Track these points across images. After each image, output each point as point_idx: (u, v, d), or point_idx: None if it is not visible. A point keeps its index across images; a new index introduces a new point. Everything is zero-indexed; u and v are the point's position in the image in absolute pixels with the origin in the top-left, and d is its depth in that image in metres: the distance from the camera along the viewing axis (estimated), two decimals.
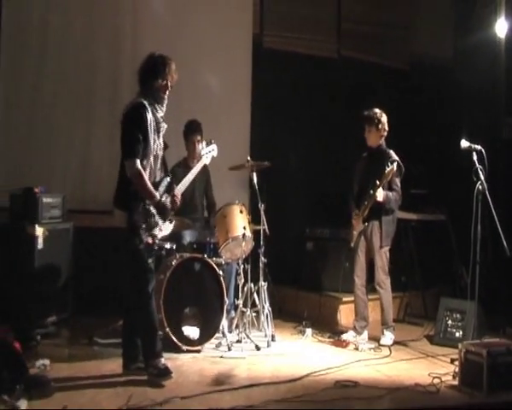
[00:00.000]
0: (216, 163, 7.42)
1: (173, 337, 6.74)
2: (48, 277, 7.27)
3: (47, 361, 6.10)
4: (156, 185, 6.00)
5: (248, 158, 7.63)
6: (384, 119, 7.65)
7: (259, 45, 9.97)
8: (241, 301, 7.39)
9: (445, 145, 9.49)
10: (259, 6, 9.98)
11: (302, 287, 9.18)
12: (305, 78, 10.12)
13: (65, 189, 8.23)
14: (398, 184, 7.57)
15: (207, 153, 7.05)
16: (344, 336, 7.65)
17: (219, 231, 7.46)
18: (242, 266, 7.42)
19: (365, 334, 7.70)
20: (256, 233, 7.67)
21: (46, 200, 7.40)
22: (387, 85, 10.65)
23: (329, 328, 8.29)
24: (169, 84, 5.99)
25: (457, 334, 7.59)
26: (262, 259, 7.62)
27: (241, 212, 7.46)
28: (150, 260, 5.96)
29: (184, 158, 8.19)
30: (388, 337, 7.57)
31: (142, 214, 5.85)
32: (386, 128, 7.67)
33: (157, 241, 6.04)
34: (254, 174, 7.61)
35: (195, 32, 9.23)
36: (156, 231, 5.94)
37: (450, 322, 7.71)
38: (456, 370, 6.20)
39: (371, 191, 7.36)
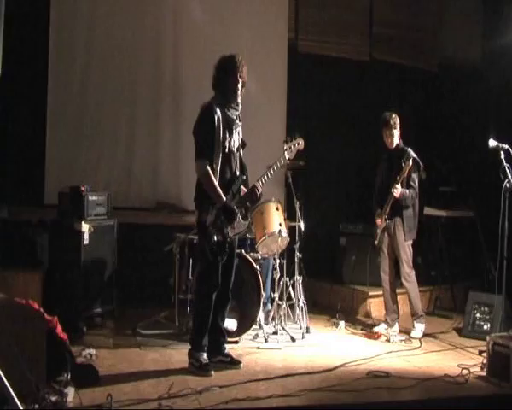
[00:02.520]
0: (253, 163, 7.38)
1: None
2: (93, 271, 7.30)
3: (93, 351, 6.14)
4: (231, 183, 5.92)
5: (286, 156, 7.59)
6: (398, 120, 7.62)
7: (294, 50, 9.91)
8: (277, 295, 7.35)
9: (473, 144, 9.36)
10: (294, 12, 9.94)
11: (336, 281, 9.12)
12: (337, 80, 10.06)
13: (109, 187, 8.28)
14: (416, 181, 7.53)
15: (290, 147, 6.42)
16: (376, 329, 7.61)
17: (256, 228, 7.42)
18: (278, 261, 7.38)
19: (396, 326, 7.63)
20: (291, 229, 7.63)
21: (92, 198, 7.43)
22: (417, 87, 10.56)
23: (362, 321, 8.25)
24: (240, 83, 5.90)
25: (485, 327, 7.48)
26: (297, 254, 7.61)
27: (277, 209, 7.42)
28: (221, 257, 5.85)
29: None
30: (419, 330, 7.49)
31: (212, 214, 5.78)
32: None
33: (228, 239, 5.87)
34: (290, 173, 7.58)
35: (232, 39, 9.17)
36: (226, 230, 5.82)
37: (478, 315, 7.60)
38: (484, 361, 6.13)
39: (392, 190, 7.33)
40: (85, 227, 7.20)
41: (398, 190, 7.33)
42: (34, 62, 8.46)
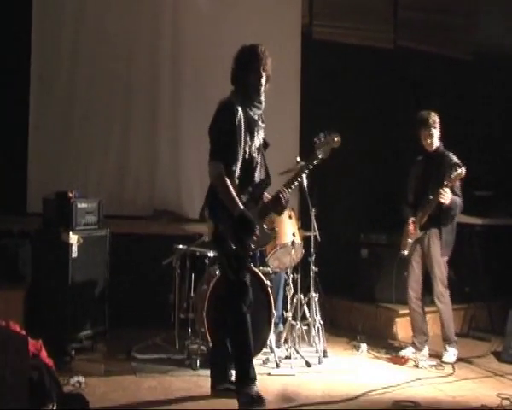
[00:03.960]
0: None
1: None
2: (82, 287, 7.30)
3: (82, 378, 6.14)
4: (251, 189, 5.83)
5: (298, 159, 7.55)
6: (437, 119, 7.58)
7: (309, 37, 9.94)
8: (290, 314, 7.35)
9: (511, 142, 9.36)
10: None
11: (356, 298, 9.12)
12: (358, 71, 10.07)
13: (101, 193, 8.28)
14: (459, 189, 7.50)
15: (323, 146, 6.07)
16: (402, 352, 7.59)
17: None
18: (291, 276, 7.39)
19: (426, 350, 7.62)
20: (306, 240, 7.63)
21: (81, 205, 7.42)
22: (448, 78, 10.55)
23: (386, 343, 8.24)
24: (263, 79, 5.80)
25: None
26: (313, 268, 7.61)
27: (290, 217, 7.42)
28: (243, 273, 5.75)
29: None
30: (451, 354, 7.47)
31: (230, 225, 5.60)
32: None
33: (251, 251, 5.83)
34: (304, 176, 7.54)
35: (239, 25, 9.25)
36: (248, 243, 5.67)
37: None
38: None
39: (431, 197, 7.30)
40: (73, 238, 7.20)
41: (448, 196, 7.25)
42: (14, 56, 8.51)
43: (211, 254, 7.27)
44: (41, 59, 8.63)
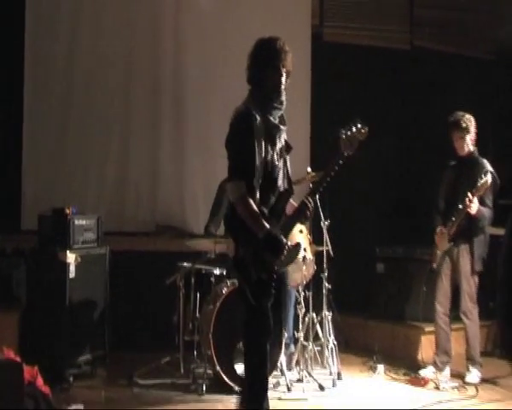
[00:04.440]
0: None
1: (225, 377, 6.72)
2: (81, 309, 7.32)
3: (81, 406, 6.14)
4: (276, 201, 5.57)
5: (309, 169, 7.59)
6: (473, 122, 7.56)
7: (319, 38, 9.96)
8: (301, 334, 7.37)
9: None
10: None
11: (372, 316, 9.11)
12: (372, 74, 10.08)
13: (99, 208, 8.34)
14: (491, 200, 7.49)
15: (349, 141, 5.69)
16: (422, 373, 7.58)
17: None
18: (303, 294, 7.40)
19: (447, 370, 7.59)
20: (318, 255, 7.64)
21: (78, 222, 7.46)
22: (469, 79, 10.54)
23: (405, 363, 8.19)
24: (283, 77, 5.50)
25: None
26: (325, 284, 7.62)
27: (300, 231, 7.42)
28: (266, 300, 5.40)
29: None
30: (475, 374, 7.45)
31: (252, 247, 5.31)
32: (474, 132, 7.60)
33: (275, 275, 5.38)
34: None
35: (244, 25, 9.26)
36: (273, 266, 5.34)
37: None
38: None
39: (460, 206, 7.29)
40: (71, 257, 7.24)
41: (475, 206, 7.25)
42: (6, 62, 8.55)
43: (217, 271, 7.30)
44: (35, 64, 8.68)
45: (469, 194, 7.19)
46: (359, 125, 5.72)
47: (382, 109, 10.04)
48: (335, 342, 7.58)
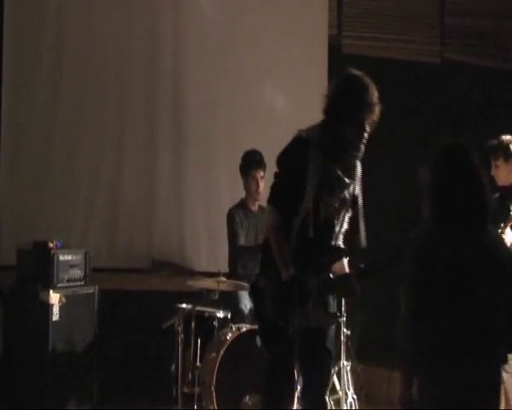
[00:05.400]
0: None
1: None
2: (65, 356, 7.33)
3: None
4: (319, 255, 5.31)
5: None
6: None
7: (337, 50, 9.98)
8: None
9: None
10: (336, 1, 10.05)
11: (397, 366, 9.04)
12: (397, 90, 10.07)
13: (87, 242, 8.35)
14: None
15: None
16: None
17: None
18: None
19: None
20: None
21: (63, 257, 7.48)
22: (510, 97, 10.54)
23: None
24: (365, 129, 5.35)
25: None
26: (343, 330, 7.61)
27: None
28: (279, 350, 5.24)
29: (241, 199, 8.08)
30: None
31: (274, 283, 5.17)
32: None
33: (291, 330, 5.15)
34: None
35: (254, 36, 9.33)
36: (290, 316, 5.12)
37: None
38: None
39: None
40: (55, 297, 7.24)
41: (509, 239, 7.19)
42: None
43: (221, 314, 7.27)
44: (14, 77, 8.78)
45: (500, 226, 7.14)
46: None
47: (407, 130, 10.05)
48: (355, 396, 7.60)
